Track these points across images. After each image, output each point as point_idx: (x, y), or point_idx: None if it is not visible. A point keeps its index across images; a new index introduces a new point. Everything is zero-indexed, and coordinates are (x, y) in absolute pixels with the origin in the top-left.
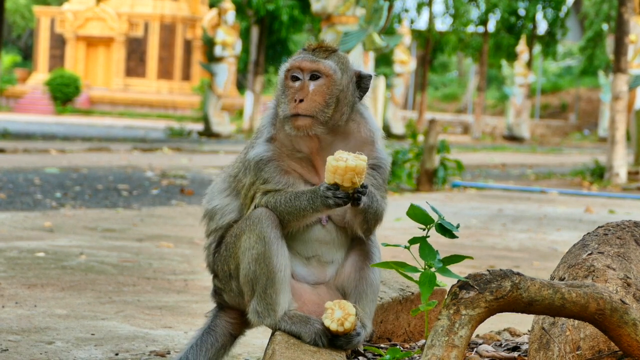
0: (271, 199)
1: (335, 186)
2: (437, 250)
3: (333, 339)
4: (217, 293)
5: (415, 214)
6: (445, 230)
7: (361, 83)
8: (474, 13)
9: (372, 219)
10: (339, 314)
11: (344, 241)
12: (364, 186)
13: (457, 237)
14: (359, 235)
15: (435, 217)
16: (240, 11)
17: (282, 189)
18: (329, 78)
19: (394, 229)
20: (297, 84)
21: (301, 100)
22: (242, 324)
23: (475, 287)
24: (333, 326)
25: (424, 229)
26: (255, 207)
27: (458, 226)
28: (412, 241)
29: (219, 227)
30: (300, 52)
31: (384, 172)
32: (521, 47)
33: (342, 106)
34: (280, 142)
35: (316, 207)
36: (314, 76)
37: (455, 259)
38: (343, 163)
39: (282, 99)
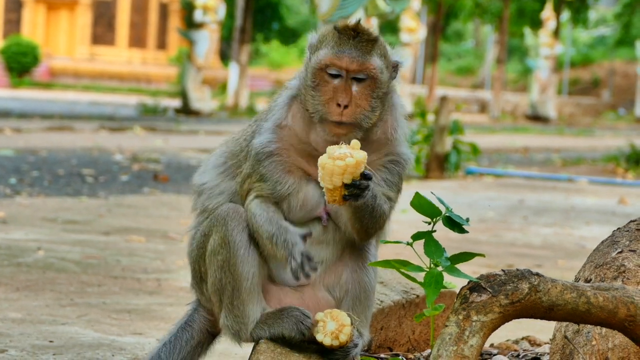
0: (257, 210)
1: (309, 258)
2: (444, 247)
3: (328, 353)
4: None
5: (421, 204)
6: (454, 224)
7: (394, 72)
8: None
9: (367, 220)
10: (332, 326)
11: (340, 240)
12: (366, 177)
13: (466, 231)
14: (355, 239)
15: (443, 208)
16: None
17: (277, 195)
18: (375, 80)
19: (400, 222)
20: (336, 81)
21: (345, 106)
22: None
23: (488, 289)
24: (327, 341)
25: (430, 223)
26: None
27: (468, 219)
28: (416, 236)
29: (203, 210)
30: (338, 40)
31: (402, 169)
32: (547, 13)
33: (382, 106)
34: (291, 129)
35: (281, 256)
36: (359, 77)
37: (465, 256)
38: (342, 162)
39: (314, 95)
